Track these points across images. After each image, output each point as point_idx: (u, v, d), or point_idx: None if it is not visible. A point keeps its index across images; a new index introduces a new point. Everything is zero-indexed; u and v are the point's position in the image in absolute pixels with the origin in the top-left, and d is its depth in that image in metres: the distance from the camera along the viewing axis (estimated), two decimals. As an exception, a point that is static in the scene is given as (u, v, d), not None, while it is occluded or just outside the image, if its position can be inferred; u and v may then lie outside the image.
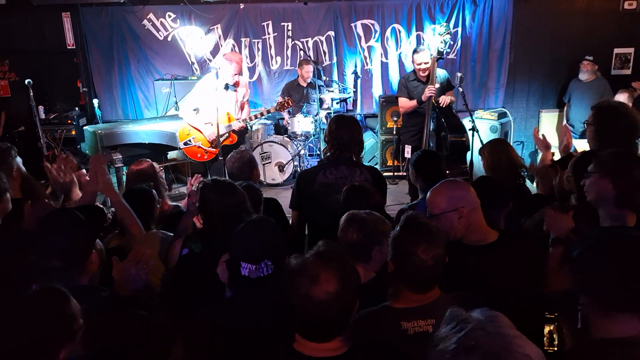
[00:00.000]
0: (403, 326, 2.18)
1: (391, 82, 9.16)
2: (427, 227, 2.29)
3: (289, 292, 1.83)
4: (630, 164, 2.67)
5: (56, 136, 8.38)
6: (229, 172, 4.23)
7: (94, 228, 2.47)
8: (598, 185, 2.69)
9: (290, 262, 1.88)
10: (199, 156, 6.70)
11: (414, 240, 2.22)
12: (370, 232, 2.71)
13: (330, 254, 1.87)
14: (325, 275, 1.79)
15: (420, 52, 6.54)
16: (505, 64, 9.08)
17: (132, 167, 4.34)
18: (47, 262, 2.25)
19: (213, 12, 8.89)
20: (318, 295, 1.77)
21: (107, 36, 8.99)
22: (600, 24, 8.78)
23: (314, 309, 1.78)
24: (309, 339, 1.85)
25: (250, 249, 2.44)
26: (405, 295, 2.26)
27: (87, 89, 9.16)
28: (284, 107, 6.82)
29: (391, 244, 2.31)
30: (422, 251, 2.19)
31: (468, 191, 2.70)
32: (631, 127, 3.48)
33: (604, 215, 2.73)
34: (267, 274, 2.40)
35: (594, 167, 2.74)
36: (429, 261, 2.18)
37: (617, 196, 2.64)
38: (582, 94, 8.09)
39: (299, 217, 4.10)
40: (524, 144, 9.23)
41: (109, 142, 7.02)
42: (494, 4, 8.78)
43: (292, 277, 1.83)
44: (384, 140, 8.55)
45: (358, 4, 8.92)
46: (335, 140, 3.87)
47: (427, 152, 4.56)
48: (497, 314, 1.46)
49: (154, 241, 3.48)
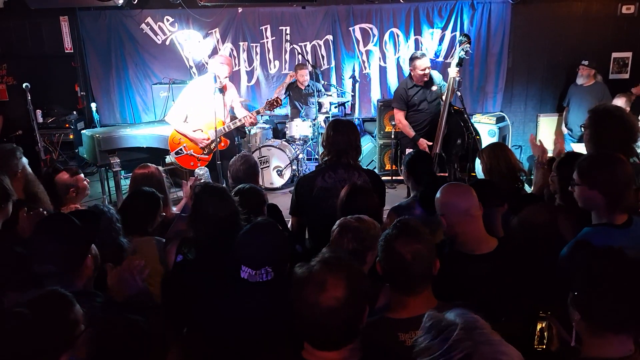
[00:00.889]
0: (400, 337, 2.15)
1: (389, 86, 9.17)
2: (411, 224, 2.28)
3: (297, 301, 1.82)
4: (613, 170, 2.69)
5: (54, 140, 8.37)
6: (234, 177, 4.19)
7: (89, 233, 2.45)
8: (587, 195, 2.74)
9: (296, 271, 1.87)
10: (192, 164, 6.65)
11: (394, 235, 2.22)
12: (364, 239, 2.71)
13: (336, 260, 1.86)
14: (332, 281, 1.77)
15: (422, 57, 6.57)
16: (503, 68, 9.09)
17: (137, 170, 4.33)
18: (42, 267, 2.23)
19: (211, 16, 8.90)
20: (326, 302, 1.75)
21: (105, 40, 9.00)
22: (598, 28, 8.79)
23: (323, 317, 1.76)
24: (319, 348, 1.83)
25: (253, 253, 2.43)
26: (399, 302, 2.24)
27: (85, 93, 9.16)
28: (273, 105, 6.72)
29: (380, 245, 2.30)
30: (400, 244, 2.18)
31: (462, 199, 2.68)
32: (627, 130, 3.50)
33: (596, 217, 2.79)
34: (266, 280, 2.39)
35: (578, 178, 2.76)
36: (406, 255, 2.16)
37: (607, 203, 2.69)
38: (581, 99, 8.09)
39: (298, 223, 4.08)
40: (522, 148, 9.21)
41: (106, 146, 6.99)
42: (492, 8, 8.79)
43: (300, 286, 1.82)
44: (382, 144, 8.54)
45: (356, 8, 8.92)
46: (332, 146, 3.86)
47: (419, 153, 4.60)
48: (476, 318, 1.44)
49: (150, 247, 3.48)
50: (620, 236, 2.65)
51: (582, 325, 1.83)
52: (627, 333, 1.78)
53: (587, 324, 1.81)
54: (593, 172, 2.73)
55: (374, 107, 9.07)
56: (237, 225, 2.81)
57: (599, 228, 2.73)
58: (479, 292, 2.35)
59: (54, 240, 2.27)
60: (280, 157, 7.98)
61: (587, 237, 2.68)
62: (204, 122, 6.43)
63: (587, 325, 1.81)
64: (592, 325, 1.80)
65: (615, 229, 2.69)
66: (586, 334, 1.83)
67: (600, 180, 2.69)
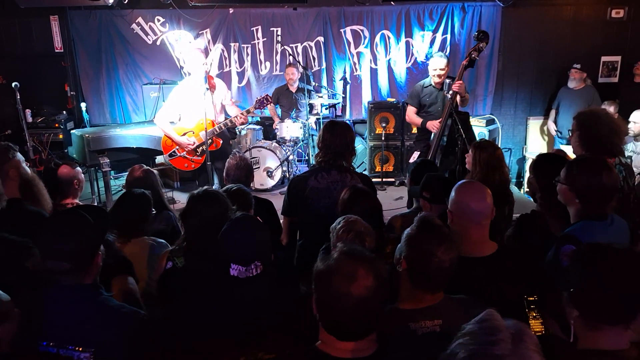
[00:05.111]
0: (411, 327, 2.20)
1: (380, 88, 9.20)
2: (444, 229, 2.33)
3: (324, 293, 1.84)
4: (596, 178, 2.77)
5: (43, 140, 8.30)
6: (233, 179, 4.19)
7: (101, 229, 2.43)
8: (566, 195, 2.89)
9: (318, 266, 1.89)
10: (186, 166, 6.67)
11: (435, 241, 2.25)
12: (365, 240, 2.77)
13: (357, 252, 1.90)
14: (362, 271, 1.80)
15: (436, 58, 6.49)
16: (493, 71, 9.13)
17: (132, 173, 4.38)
18: (56, 264, 2.22)
19: (202, 16, 8.88)
20: (359, 291, 1.77)
21: (96, 40, 8.95)
22: (588, 32, 8.85)
23: (355, 306, 1.78)
24: (344, 339, 1.84)
25: (241, 250, 2.43)
26: (415, 296, 2.28)
27: (75, 93, 9.11)
28: (263, 104, 6.70)
29: (408, 242, 2.32)
30: (442, 252, 2.22)
31: (472, 199, 2.66)
32: (613, 132, 3.57)
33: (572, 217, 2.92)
34: (256, 274, 2.40)
35: (563, 177, 2.90)
36: (447, 262, 2.22)
37: (581, 207, 2.83)
38: (571, 102, 8.16)
39: (290, 223, 4.09)
40: (511, 151, 9.27)
41: (96, 146, 6.97)
42: (483, 11, 8.83)
43: (326, 278, 1.83)
44: (372, 146, 8.52)
45: (347, 10, 8.94)
46: (328, 148, 3.86)
47: (425, 162, 4.53)
48: (529, 334, 1.45)
49: (142, 250, 3.47)
50: (601, 228, 2.77)
51: (579, 321, 1.85)
52: (624, 323, 1.81)
53: (583, 319, 1.84)
54: (577, 176, 2.82)
55: (365, 109, 9.05)
56: None
57: (580, 224, 2.82)
58: (478, 294, 2.38)
59: (69, 236, 2.25)
60: (271, 158, 7.97)
61: (571, 233, 2.76)
62: (194, 122, 6.42)
63: (584, 320, 1.84)
64: (589, 319, 1.83)
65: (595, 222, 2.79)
66: (583, 329, 1.86)
67: (580, 185, 2.80)
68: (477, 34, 5.99)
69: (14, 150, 3.84)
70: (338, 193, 3.54)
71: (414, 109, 6.68)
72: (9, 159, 3.75)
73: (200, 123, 6.29)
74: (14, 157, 3.81)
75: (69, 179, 4.18)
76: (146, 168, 4.40)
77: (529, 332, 1.47)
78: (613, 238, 2.74)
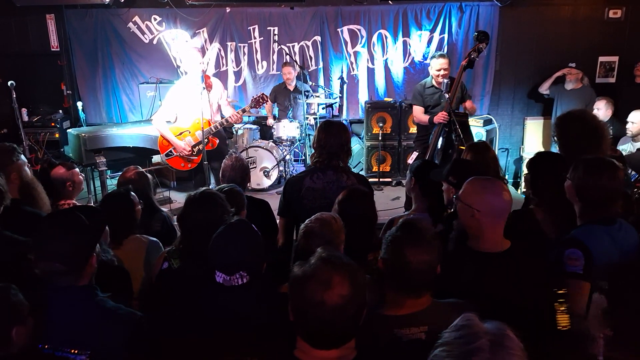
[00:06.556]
0: (396, 334, 2.15)
1: (377, 87, 9.19)
2: (424, 232, 2.25)
3: (298, 299, 1.80)
4: (598, 180, 2.77)
5: (39, 139, 8.27)
6: (228, 179, 4.16)
7: (96, 230, 2.41)
8: (570, 192, 2.90)
9: (295, 271, 1.85)
10: (182, 165, 6.64)
11: (413, 244, 2.18)
12: (331, 240, 2.76)
13: (335, 258, 1.85)
14: (337, 279, 1.76)
15: (438, 58, 6.44)
16: (490, 71, 9.12)
17: (124, 174, 4.36)
18: (48, 265, 2.20)
19: (199, 15, 8.86)
20: (333, 299, 1.73)
21: (92, 39, 8.92)
22: (585, 32, 8.84)
23: (329, 314, 1.74)
24: (318, 347, 1.81)
25: (226, 258, 2.38)
26: (396, 301, 2.23)
27: (71, 92, 9.07)
28: (259, 103, 6.67)
29: (386, 243, 2.27)
30: (418, 254, 2.16)
31: (497, 198, 2.59)
32: (593, 131, 3.57)
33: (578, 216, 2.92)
34: (242, 284, 2.36)
35: (570, 173, 2.90)
36: (420, 265, 2.15)
37: (582, 207, 2.85)
38: (569, 102, 8.12)
39: (286, 224, 4.07)
40: (508, 151, 9.27)
41: (92, 145, 6.96)
42: (480, 11, 8.81)
43: (301, 285, 1.79)
44: (369, 146, 8.52)
45: (344, 9, 8.92)
46: (323, 148, 3.85)
47: (428, 162, 4.47)
48: (509, 337, 1.42)
49: (139, 250, 3.46)
50: (608, 233, 2.75)
51: None
52: None
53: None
54: (578, 173, 2.81)
55: (362, 108, 9.06)
56: None
57: (586, 227, 2.80)
58: (487, 289, 2.35)
59: (62, 237, 2.23)
60: (268, 158, 7.95)
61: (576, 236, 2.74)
62: (191, 122, 6.40)
63: None
64: None
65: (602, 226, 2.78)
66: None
67: (580, 182, 2.80)
68: (477, 34, 5.96)
69: (18, 152, 3.83)
70: (334, 193, 3.49)
71: (420, 109, 6.60)
72: (13, 162, 3.75)
73: (196, 122, 6.27)
74: (18, 160, 3.80)
75: (62, 180, 4.16)
76: (139, 170, 4.37)
77: (511, 335, 1.44)
78: (621, 244, 2.73)
